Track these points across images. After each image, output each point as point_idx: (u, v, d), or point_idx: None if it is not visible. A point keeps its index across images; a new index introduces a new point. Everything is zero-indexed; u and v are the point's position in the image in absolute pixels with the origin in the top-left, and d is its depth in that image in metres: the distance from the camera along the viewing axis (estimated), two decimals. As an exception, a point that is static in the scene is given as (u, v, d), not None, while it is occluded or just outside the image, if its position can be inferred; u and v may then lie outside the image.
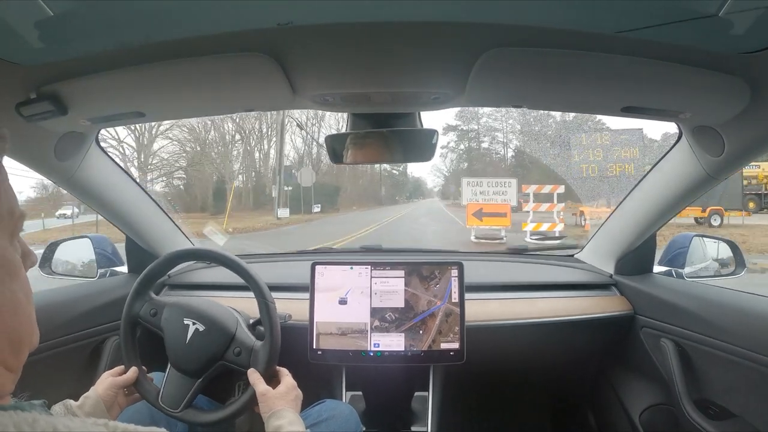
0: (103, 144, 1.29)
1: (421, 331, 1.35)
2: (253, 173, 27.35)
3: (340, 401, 1.31)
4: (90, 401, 1.00)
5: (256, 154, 27.89)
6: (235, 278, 1.14)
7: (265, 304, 1.11)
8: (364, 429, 1.28)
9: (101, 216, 1.47)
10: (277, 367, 1.10)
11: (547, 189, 9.99)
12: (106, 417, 0.99)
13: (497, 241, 10.00)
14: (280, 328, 1.10)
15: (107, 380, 1.06)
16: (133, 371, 1.09)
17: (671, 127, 1.17)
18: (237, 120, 24.97)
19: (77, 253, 1.64)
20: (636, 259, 1.56)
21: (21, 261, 0.49)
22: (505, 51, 0.76)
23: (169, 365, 1.12)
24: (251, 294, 1.12)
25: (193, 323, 1.11)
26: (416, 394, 1.46)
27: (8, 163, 0.50)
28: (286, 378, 1.07)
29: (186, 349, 1.10)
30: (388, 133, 1.10)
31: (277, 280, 1.53)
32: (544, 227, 9.58)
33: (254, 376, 1.05)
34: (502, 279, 1.63)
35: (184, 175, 24.16)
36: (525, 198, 10.59)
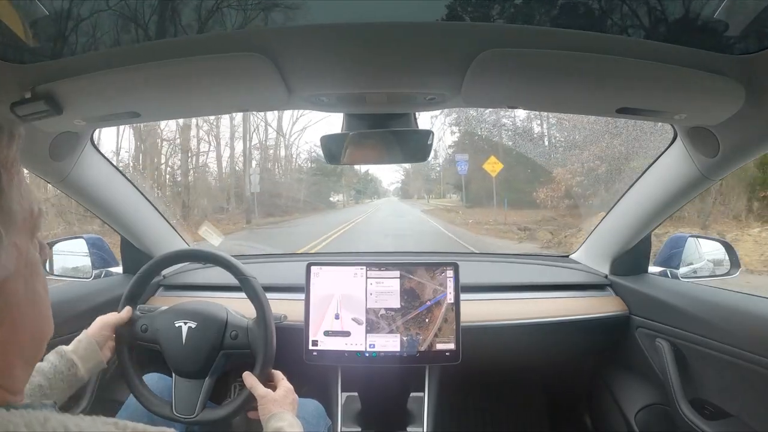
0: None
1: (427, 320, 1.35)
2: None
3: (307, 399, 1.30)
4: (82, 344, 1.02)
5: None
6: (230, 279, 1.14)
7: (245, 280, 1.12)
8: (330, 423, 1.31)
9: (96, 216, 1.46)
10: (273, 371, 1.10)
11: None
12: (100, 357, 1.03)
13: None
14: (268, 301, 1.12)
15: (98, 321, 1.08)
16: (126, 310, 1.12)
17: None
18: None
19: (72, 253, 1.63)
20: (631, 259, 1.56)
21: (39, 258, 0.51)
22: (501, 52, 0.76)
23: (173, 375, 1.12)
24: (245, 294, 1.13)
25: (185, 323, 1.12)
26: (412, 394, 1.46)
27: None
28: (283, 382, 1.08)
29: (184, 351, 1.10)
30: (383, 134, 1.10)
31: (273, 280, 1.53)
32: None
33: (250, 380, 1.06)
34: (498, 280, 1.63)
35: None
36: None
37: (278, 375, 1.10)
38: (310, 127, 21.12)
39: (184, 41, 0.75)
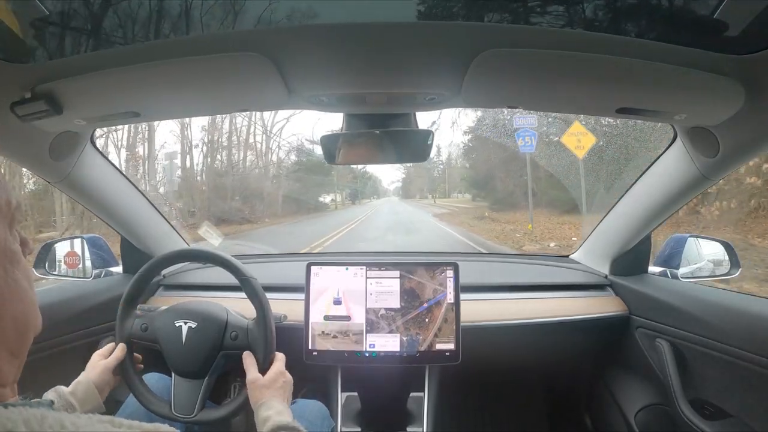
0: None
1: (427, 320, 1.35)
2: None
3: (310, 401, 1.31)
4: (82, 386, 1.01)
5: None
6: (230, 279, 1.14)
7: (246, 281, 1.12)
8: (334, 425, 1.31)
9: (96, 216, 1.46)
10: (275, 353, 1.11)
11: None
12: (98, 400, 1.03)
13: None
14: (268, 302, 1.12)
15: (99, 364, 1.07)
16: (120, 348, 1.11)
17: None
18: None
19: (72, 253, 1.63)
20: (631, 259, 1.56)
21: (21, 249, 0.51)
22: (501, 52, 0.76)
23: (173, 374, 1.12)
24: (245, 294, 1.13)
25: (185, 323, 1.12)
26: (412, 394, 1.46)
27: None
28: (275, 364, 1.08)
29: (184, 351, 1.10)
30: (383, 134, 1.10)
31: (273, 280, 1.53)
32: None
33: (248, 361, 1.07)
34: (498, 280, 1.63)
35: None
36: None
37: (276, 356, 1.11)
38: (297, 115, 17.35)
39: (184, 41, 0.75)
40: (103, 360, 1.08)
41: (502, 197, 12.54)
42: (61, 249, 1.60)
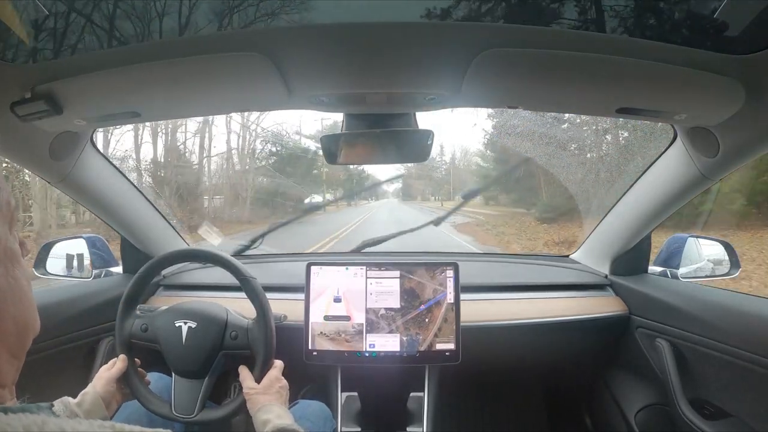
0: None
1: (427, 320, 1.35)
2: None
3: (312, 401, 1.32)
4: (88, 398, 1.01)
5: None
6: (230, 279, 1.14)
7: (246, 281, 1.12)
8: (335, 425, 1.31)
9: (96, 216, 1.46)
10: (274, 360, 1.11)
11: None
12: (104, 413, 1.02)
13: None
14: (268, 302, 1.12)
15: (104, 376, 1.07)
16: (122, 359, 1.10)
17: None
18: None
19: (72, 253, 1.63)
20: (631, 259, 1.56)
21: (20, 249, 0.51)
22: (501, 52, 0.76)
23: (173, 374, 1.12)
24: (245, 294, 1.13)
25: (185, 323, 1.12)
26: (412, 394, 1.46)
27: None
28: (270, 371, 1.09)
29: (184, 351, 1.10)
30: (383, 134, 1.10)
31: (273, 280, 1.53)
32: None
33: (244, 373, 1.07)
34: (498, 280, 1.63)
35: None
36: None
37: (273, 363, 1.11)
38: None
39: (185, 41, 0.75)
40: (107, 371, 1.08)
41: (558, 203, 8.25)
42: (61, 249, 1.60)
